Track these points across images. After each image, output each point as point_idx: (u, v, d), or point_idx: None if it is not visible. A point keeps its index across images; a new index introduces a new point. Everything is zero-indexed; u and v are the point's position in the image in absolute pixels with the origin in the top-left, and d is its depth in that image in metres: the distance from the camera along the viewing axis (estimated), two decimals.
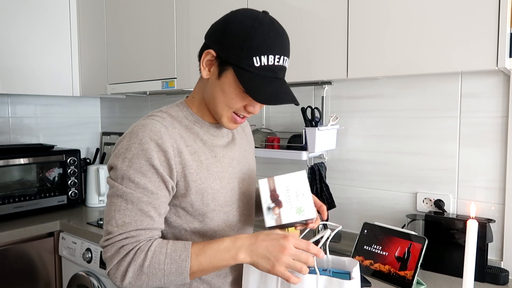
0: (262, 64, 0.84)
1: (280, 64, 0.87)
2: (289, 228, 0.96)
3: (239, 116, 0.93)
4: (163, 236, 0.95)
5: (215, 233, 0.95)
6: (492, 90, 1.36)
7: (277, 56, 0.85)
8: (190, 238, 0.93)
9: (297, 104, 0.89)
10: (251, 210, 1.06)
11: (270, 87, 0.86)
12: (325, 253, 0.96)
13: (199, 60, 0.94)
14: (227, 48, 0.86)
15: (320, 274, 0.91)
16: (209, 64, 0.90)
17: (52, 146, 2.28)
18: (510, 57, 1.13)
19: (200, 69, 0.94)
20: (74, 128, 2.71)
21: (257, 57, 0.84)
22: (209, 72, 0.91)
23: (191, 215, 0.92)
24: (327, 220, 1.00)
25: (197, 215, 0.92)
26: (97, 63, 2.30)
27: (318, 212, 0.99)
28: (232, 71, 0.86)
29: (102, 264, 1.79)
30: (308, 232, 1.01)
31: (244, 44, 0.83)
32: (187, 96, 1.02)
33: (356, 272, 0.86)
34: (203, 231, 0.94)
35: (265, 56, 0.84)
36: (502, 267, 1.33)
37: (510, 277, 1.29)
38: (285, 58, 0.88)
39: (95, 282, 1.83)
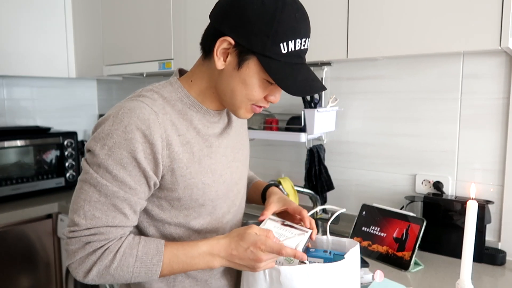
0: (290, 50, 0.77)
1: (306, 47, 0.80)
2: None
3: (257, 106, 0.85)
4: (143, 230, 0.87)
5: (201, 226, 0.88)
6: (494, 71, 1.34)
7: (303, 40, 0.78)
8: (174, 232, 0.87)
9: (325, 89, 0.84)
10: (242, 199, 1.00)
11: (299, 76, 0.79)
12: (326, 235, 0.95)
13: (204, 44, 0.84)
14: (249, 35, 0.75)
15: (319, 258, 0.90)
16: (225, 53, 0.79)
17: (49, 129, 2.26)
18: None
19: (203, 53, 0.86)
20: (70, 110, 2.69)
21: (285, 43, 0.76)
22: (225, 62, 0.80)
23: (176, 209, 0.85)
24: (325, 207, 0.98)
25: (183, 210, 0.85)
26: (92, 44, 2.27)
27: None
28: (256, 61, 0.77)
29: None
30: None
31: (270, 30, 0.74)
32: (181, 74, 0.92)
33: (351, 253, 0.84)
34: (189, 226, 0.87)
35: (293, 41, 0.76)
36: (499, 248, 1.33)
37: (507, 258, 1.30)
38: (309, 39, 0.81)
39: None
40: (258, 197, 1.08)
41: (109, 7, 2.15)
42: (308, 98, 1.61)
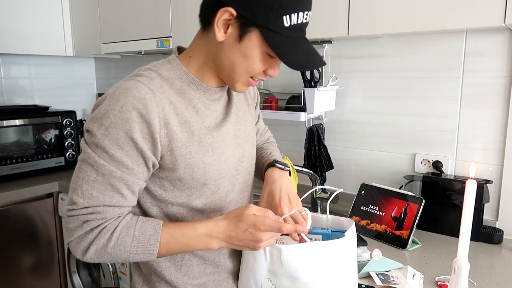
0: (292, 23, 0.75)
1: (307, 21, 0.79)
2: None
3: (254, 79, 0.85)
4: (147, 211, 0.87)
5: (204, 206, 0.88)
6: (497, 49, 1.31)
7: (305, 13, 0.77)
8: (177, 212, 0.87)
9: (324, 64, 0.83)
10: (248, 177, 0.98)
11: (301, 50, 0.78)
12: (326, 213, 0.96)
13: (203, 16, 0.83)
14: (253, 7, 0.74)
15: (317, 234, 0.91)
16: (225, 24, 0.78)
17: (47, 107, 2.25)
18: None
19: (202, 26, 0.84)
20: (69, 89, 2.67)
21: (287, 16, 0.74)
22: (225, 34, 0.78)
23: (178, 189, 0.85)
24: (324, 188, 0.97)
25: (185, 189, 0.85)
26: (89, 21, 2.23)
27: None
28: (258, 34, 0.76)
29: None
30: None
31: (274, 2, 0.73)
32: (179, 52, 0.90)
33: (350, 231, 0.85)
34: (192, 206, 0.87)
35: (295, 14, 0.75)
36: (497, 227, 1.34)
37: (504, 237, 1.31)
38: (310, 13, 0.79)
39: None
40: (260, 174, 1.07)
41: None
42: (308, 76, 1.59)
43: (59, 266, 2.14)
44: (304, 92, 1.55)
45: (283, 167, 0.99)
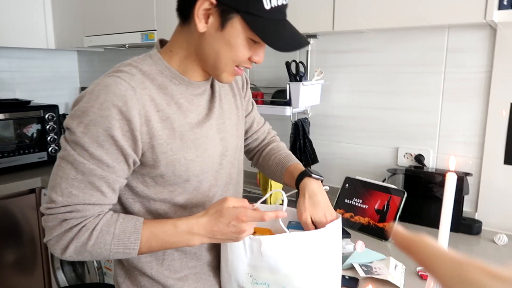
0: (272, 5, 0.75)
1: (287, 2, 0.79)
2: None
3: (239, 68, 0.84)
4: (129, 207, 0.86)
5: (186, 201, 0.88)
6: (478, 45, 1.34)
7: None
8: (159, 208, 0.86)
9: (309, 43, 0.83)
10: (231, 169, 0.97)
11: (285, 31, 0.78)
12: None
13: (181, 9, 0.81)
14: None
15: (299, 229, 0.92)
16: (206, 14, 0.77)
17: (29, 102, 2.21)
18: (499, 9, 1.11)
19: (181, 20, 0.83)
20: (51, 83, 2.62)
21: None
22: (206, 24, 0.77)
23: (160, 185, 0.84)
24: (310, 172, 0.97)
25: (167, 186, 0.84)
26: (72, 13, 2.19)
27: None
28: (240, 19, 0.76)
29: None
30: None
31: None
32: (161, 45, 0.88)
33: (333, 224, 0.85)
34: (174, 202, 0.86)
35: None
36: (476, 218, 1.38)
37: (483, 228, 1.35)
38: None
39: None
40: (293, 185, 1.02)
41: None
42: (294, 71, 1.59)
43: (43, 262, 2.11)
44: (289, 86, 1.55)
45: (318, 177, 0.96)
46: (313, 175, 0.95)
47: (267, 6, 0.75)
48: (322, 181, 0.97)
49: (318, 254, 0.82)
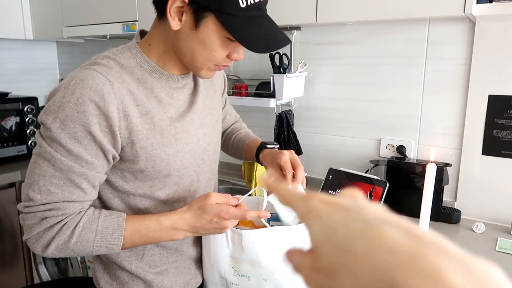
0: (249, 3, 0.72)
1: None
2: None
3: (219, 66, 0.82)
4: (107, 202, 0.85)
5: (167, 196, 0.86)
6: (458, 38, 1.37)
7: None
8: (139, 203, 0.85)
9: (289, 42, 0.81)
10: (213, 164, 0.97)
11: (262, 30, 0.75)
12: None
13: (157, 3, 0.78)
14: None
15: (271, 223, 0.93)
16: (179, 11, 0.74)
17: (7, 94, 2.15)
18: (477, 3, 1.13)
19: (158, 13, 0.79)
20: (30, 74, 2.55)
21: None
22: (180, 22, 0.75)
23: (140, 180, 0.82)
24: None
25: (147, 181, 0.83)
26: (50, 3, 2.13)
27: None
28: (214, 18, 0.73)
29: None
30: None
31: None
32: (142, 36, 0.86)
33: None
34: (154, 197, 0.85)
35: None
36: (455, 207, 1.42)
37: (462, 216, 1.39)
38: None
39: None
40: (253, 158, 1.08)
41: None
42: (277, 63, 1.60)
43: (24, 257, 2.07)
44: (273, 78, 1.56)
45: (273, 147, 1.01)
46: (268, 146, 1.02)
47: (242, 4, 0.71)
48: (279, 148, 1.03)
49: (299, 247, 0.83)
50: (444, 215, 1.36)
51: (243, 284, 0.86)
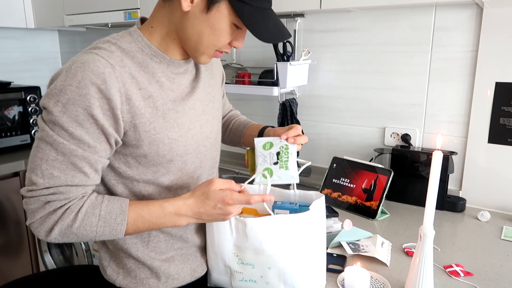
0: None
1: None
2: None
3: (219, 52, 0.84)
4: (111, 188, 0.85)
5: (171, 182, 0.87)
6: (465, 24, 1.34)
7: None
8: (143, 189, 0.85)
9: (290, 36, 0.83)
10: (215, 152, 0.98)
11: (269, 22, 0.78)
12: (293, 189, 0.97)
13: None
14: None
15: (284, 209, 0.92)
16: None
17: (9, 83, 2.14)
18: None
19: None
20: (32, 63, 2.54)
21: None
22: (191, 4, 0.75)
23: (144, 166, 0.82)
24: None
25: (150, 166, 0.82)
26: None
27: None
28: (227, 4, 0.75)
29: None
30: None
31: None
32: (142, 20, 0.87)
33: (316, 204, 0.85)
34: (158, 182, 0.85)
35: None
36: (460, 196, 1.41)
37: (467, 205, 1.38)
38: None
39: None
40: (254, 137, 1.06)
41: None
42: (281, 51, 1.58)
43: (29, 246, 2.09)
44: (276, 66, 1.54)
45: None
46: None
47: None
48: None
49: (302, 235, 0.83)
50: (449, 203, 1.35)
51: (247, 272, 0.86)
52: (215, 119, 0.96)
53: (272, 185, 0.90)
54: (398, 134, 1.52)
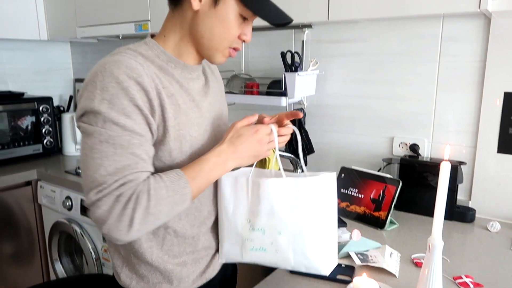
0: None
1: None
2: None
3: (232, 49, 0.89)
4: None
5: None
6: (472, 34, 1.35)
7: None
8: None
9: (291, 20, 0.89)
10: None
11: (271, 6, 0.85)
12: (302, 171, 0.99)
13: None
14: None
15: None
16: None
17: (22, 94, 2.19)
18: None
19: (172, 5, 0.88)
20: (44, 74, 2.59)
21: None
22: (200, 2, 0.82)
23: (168, 165, 0.85)
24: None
25: (174, 166, 0.85)
26: (64, 3, 2.16)
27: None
28: None
29: (83, 211, 1.80)
30: None
31: None
32: (152, 36, 0.92)
33: (326, 174, 0.88)
34: None
35: None
36: (469, 206, 1.40)
37: (476, 215, 1.37)
38: None
39: (77, 229, 1.85)
40: None
41: None
42: (289, 61, 1.59)
43: (40, 254, 2.12)
44: (284, 77, 1.55)
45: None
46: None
47: None
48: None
49: (313, 201, 0.85)
50: (459, 214, 1.34)
51: (257, 239, 0.89)
52: (225, 124, 1.01)
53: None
54: (406, 144, 1.52)
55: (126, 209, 0.73)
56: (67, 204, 1.85)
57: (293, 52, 1.61)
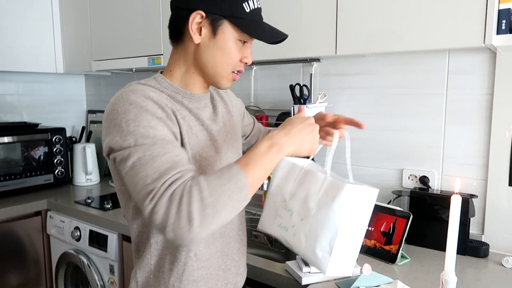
0: (251, 8, 0.88)
1: (260, 6, 0.92)
2: None
3: (234, 72, 0.94)
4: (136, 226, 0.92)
5: None
6: (479, 67, 1.36)
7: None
8: None
9: (287, 36, 0.94)
10: None
11: (266, 27, 0.91)
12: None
13: (173, 33, 0.92)
14: (217, 2, 0.86)
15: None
16: (198, 27, 0.87)
17: (37, 125, 2.24)
18: (497, 34, 1.13)
19: (175, 42, 0.93)
20: (58, 106, 2.66)
21: (246, 3, 0.87)
22: (200, 36, 0.88)
23: None
24: None
25: None
26: (80, 38, 2.24)
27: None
28: (228, 23, 0.87)
29: (91, 242, 1.80)
30: None
31: None
32: (161, 72, 0.97)
33: (365, 187, 0.93)
34: None
35: (251, 0, 0.88)
36: (483, 240, 1.37)
37: (490, 250, 1.34)
38: None
39: (85, 260, 1.84)
40: None
41: (97, 0, 2.13)
42: (298, 94, 1.62)
43: (47, 285, 2.10)
44: (293, 109, 1.57)
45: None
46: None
47: (247, 9, 0.87)
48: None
49: (348, 208, 0.87)
50: (472, 248, 1.31)
51: (285, 217, 0.94)
52: (235, 148, 1.04)
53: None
54: (416, 176, 1.52)
55: (182, 205, 0.71)
56: (76, 234, 1.85)
57: (301, 85, 1.64)
